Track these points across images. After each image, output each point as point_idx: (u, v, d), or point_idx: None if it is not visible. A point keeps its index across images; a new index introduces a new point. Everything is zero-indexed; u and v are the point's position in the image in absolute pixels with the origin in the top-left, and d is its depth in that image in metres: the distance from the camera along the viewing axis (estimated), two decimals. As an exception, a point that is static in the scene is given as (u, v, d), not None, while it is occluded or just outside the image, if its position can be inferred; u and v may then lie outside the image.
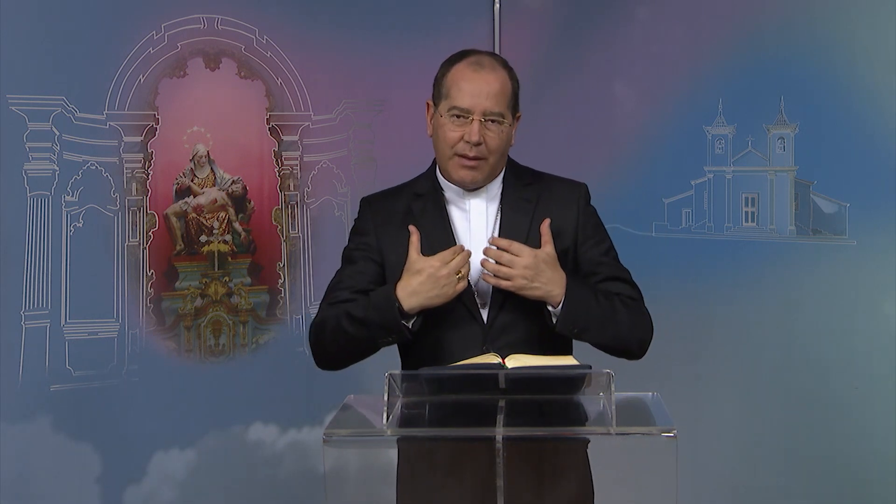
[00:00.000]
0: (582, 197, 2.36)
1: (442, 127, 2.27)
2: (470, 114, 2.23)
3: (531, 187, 2.34)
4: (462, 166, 2.27)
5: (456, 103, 2.24)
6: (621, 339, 2.25)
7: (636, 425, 1.97)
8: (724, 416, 3.59)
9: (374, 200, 2.41)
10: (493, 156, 2.27)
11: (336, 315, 2.25)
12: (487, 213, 2.31)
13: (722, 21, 3.62)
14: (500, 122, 2.25)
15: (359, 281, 2.30)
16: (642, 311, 2.29)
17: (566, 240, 2.30)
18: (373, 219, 2.37)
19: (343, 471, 2.02)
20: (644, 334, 2.29)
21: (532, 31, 3.89)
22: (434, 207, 2.33)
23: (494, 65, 2.28)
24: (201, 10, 3.42)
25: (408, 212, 2.33)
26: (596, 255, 2.32)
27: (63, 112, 3.18)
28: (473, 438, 1.95)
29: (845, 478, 3.39)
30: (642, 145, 3.78)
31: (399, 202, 2.36)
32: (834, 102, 3.38)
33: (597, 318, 2.21)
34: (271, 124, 3.57)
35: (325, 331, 2.27)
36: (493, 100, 2.24)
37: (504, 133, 2.27)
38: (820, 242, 3.45)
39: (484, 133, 2.24)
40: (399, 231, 2.30)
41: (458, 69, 2.27)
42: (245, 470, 3.52)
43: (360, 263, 2.33)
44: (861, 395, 3.36)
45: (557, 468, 2.08)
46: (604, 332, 2.23)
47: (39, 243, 3.16)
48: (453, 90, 2.25)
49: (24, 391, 3.12)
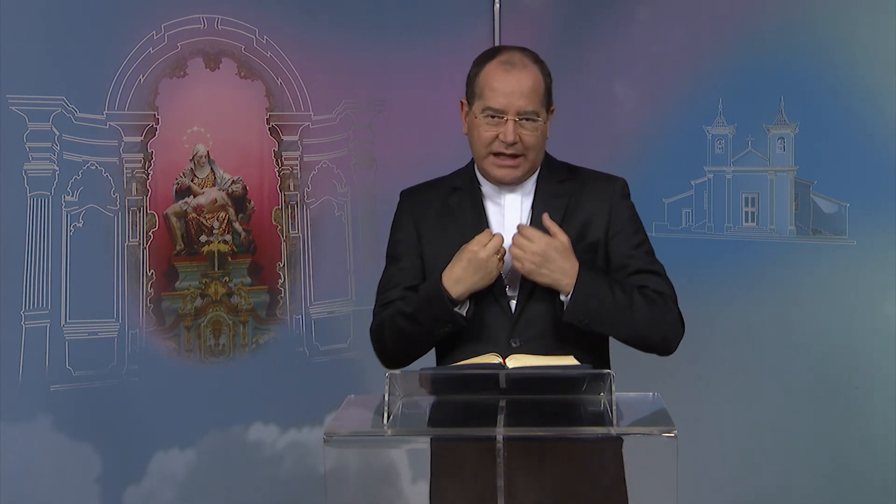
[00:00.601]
0: (617, 191, 2.36)
1: (477, 127, 2.29)
2: (504, 114, 2.25)
3: (565, 183, 2.35)
4: (499, 165, 2.29)
5: (489, 104, 2.26)
6: (639, 334, 2.25)
7: (636, 425, 1.97)
8: (724, 416, 3.59)
9: (412, 193, 2.44)
10: (531, 152, 2.28)
11: (391, 316, 2.30)
12: (522, 208, 2.33)
13: (722, 21, 3.62)
14: (534, 119, 2.26)
15: (405, 277, 2.34)
16: (668, 307, 2.27)
17: (597, 232, 2.31)
18: (411, 211, 2.40)
19: (343, 471, 2.02)
20: (668, 331, 2.27)
21: (532, 31, 3.89)
22: (470, 201, 2.35)
23: (526, 62, 2.28)
24: (201, 10, 3.42)
25: (444, 204, 2.37)
26: (627, 249, 2.32)
27: (63, 112, 3.18)
28: (474, 438, 1.95)
29: (845, 478, 3.38)
30: (642, 145, 3.78)
31: (436, 195, 2.39)
32: (834, 102, 3.38)
33: (609, 311, 2.20)
34: (271, 124, 3.57)
35: (384, 333, 2.32)
36: (527, 98, 2.24)
37: (539, 130, 2.28)
38: (820, 242, 3.44)
39: (519, 132, 2.25)
40: (435, 223, 2.35)
41: (489, 69, 2.28)
42: (245, 470, 3.52)
43: (403, 260, 2.37)
44: (861, 395, 3.35)
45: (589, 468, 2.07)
46: (618, 326, 2.23)
47: (39, 243, 3.15)
48: (486, 90, 2.26)
49: (24, 391, 3.12)
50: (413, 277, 2.34)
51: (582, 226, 2.31)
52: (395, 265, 2.38)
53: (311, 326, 3.64)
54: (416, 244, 2.36)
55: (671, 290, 2.31)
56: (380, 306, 2.36)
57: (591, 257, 2.29)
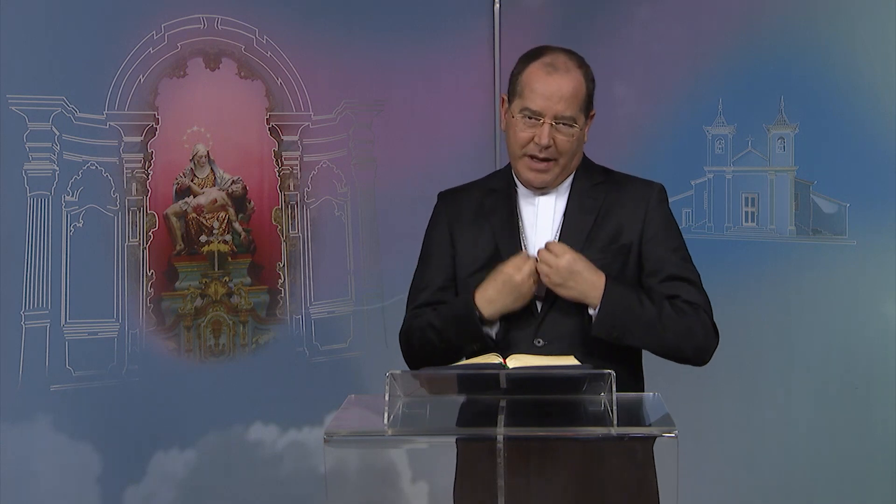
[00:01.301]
0: (654, 196, 2.35)
1: (514, 126, 2.29)
2: (541, 116, 2.24)
3: (600, 186, 2.35)
4: (530, 168, 2.29)
5: (528, 104, 2.25)
6: (670, 346, 2.24)
7: (636, 425, 1.97)
8: (724, 416, 3.59)
9: (448, 195, 2.45)
10: (564, 157, 2.28)
11: (420, 327, 2.30)
12: (555, 210, 2.33)
13: (722, 21, 3.62)
14: (571, 125, 2.25)
15: (436, 278, 2.36)
16: (699, 318, 2.26)
17: (630, 235, 2.30)
18: (446, 211, 2.41)
19: (343, 471, 2.02)
20: (701, 341, 2.26)
21: (532, 31, 3.89)
22: (505, 202, 2.35)
23: (569, 66, 2.27)
24: (201, 10, 3.42)
25: (480, 205, 2.37)
26: (660, 253, 2.31)
27: (63, 112, 3.18)
28: (474, 438, 1.95)
29: (845, 478, 3.38)
30: (642, 145, 3.78)
31: (472, 196, 2.40)
32: (834, 102, 3.38)
33: (638, 323, 2.20)
34: (271, 124, 3.57)
35: (413, 341, 2.33)
36: (565, 103, 2.24)
37: (575, 136, 2.27)
38: (820, 242, 3.44)
39: (554, 135, 2.25)
40: (470, 223, 2.36)
41: (532, 69, 2.27)
42: (245, 470, 3.52)
43: (434, 260, 2.38)
44: (861, 395, 3.35)
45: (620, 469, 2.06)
46: (648, 338, 2.23)
47: (39, 243, 3.15)
48: (526, 90, 2.26)
49: (24, 391, 3.11)
50: (443, 278, 2.35)
51: (615, 228, 2.30)
52: (427, 264, 2.40)
53: (311, 326, 3.64)
54: (448, 244, 2.37)
55: (705, 300, 2.30)
56: (410, 310, 2.37)
57: (623, 259, 2.29)
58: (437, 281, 2.35)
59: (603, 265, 2.25)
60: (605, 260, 2.27)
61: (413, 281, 2.42)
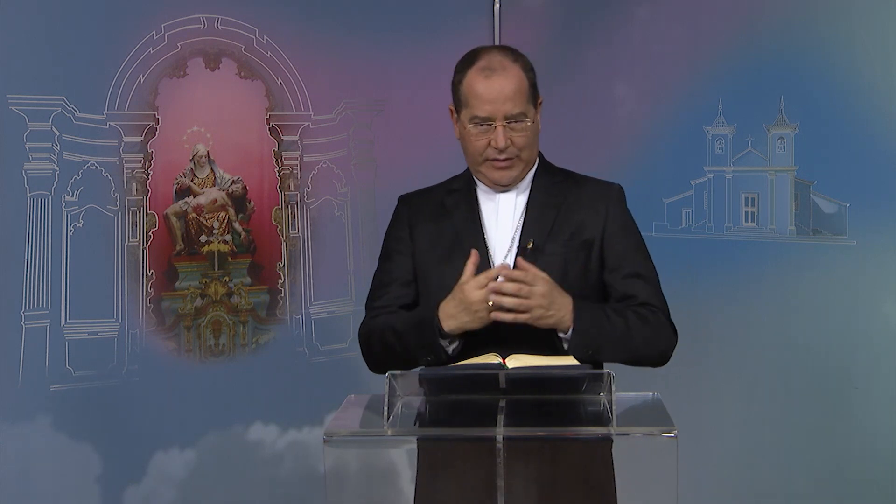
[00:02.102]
0: (613, 195, 2.36)
1: (468, 136, 2.29)
2: (492, 121, 2.25)
3: (560, 185, 2.35)
4: (495, 168, 2.29)
5: (476, 113, 2.26)
6: (638, 355, 2.25)
7: (636, 425, 1.97)
8: (724, 416, 3.59)
9: (409, 197, 2.45)
10: (524, 152, 2.29)
11: (380, 328, 2.30)
12: (516, 205, 2.33)
13: (722, 21, 3.62)
14: (522, 120, 2.26)
15: (397, 277, 2.35)
16: (660, 320, 2.27)
17: (591, 232, 2.30)
18: (407, 213, 2.41)
19: (343, 471, 2.02)
20: (663, 345, 2.27)
21: (532, 31, 3.89)
22: (466, 201, 2.35)
23: (505, 63, 2.27)
24: (201, 10, 3.42)
25: (441, 205, 2.37)
26: (621, 250, 2.31)
27: (63, 112, 3.18)
28: (473, 438, 1.95)
29: (845, 478, 3.38)
30: (642, 145, 3.78)
31: (433, 198, 2.41)
32: (834, 102, 3.38)
33: (609, 339, 2.20)
34: (271, 124, 3.57)
35: (372, 341, 2.32)
36: (512, 102, 2.24)
37: (529, 129, 2.27)
38: (820, 242, 3.44)
39: (509, 135, 2.25)
40: (430, 223, 2.36)
41: (470, 77, 2.27)
42: (245, 470, 3.52)
43: (395, 258, 2.38)
44: (861, 395, 3.35)
45: (565, 468, 2.07)
46: (619, 351, 2.22)
47: (39, 243, 3.15)
48: (471, 99, 2.26)
49: (24, 391, 3.11)
50: (405, 277, 2.35)
51: (577, 224, 2.30)
52: (387, 263, 2.39)
53: (311, 326, 3.64)
54: (408, 243, 2.37)
55: (662, 300, 2.31)
56: (370, 309, 2.36)
57: (586, 255, 2.29)
58: (398, 279, 2.35)
59: (566, 259, 2.26)
60: (567, 254, 2.27)
61: (373, 280, 2.41)
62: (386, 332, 2.28)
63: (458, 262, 2.22)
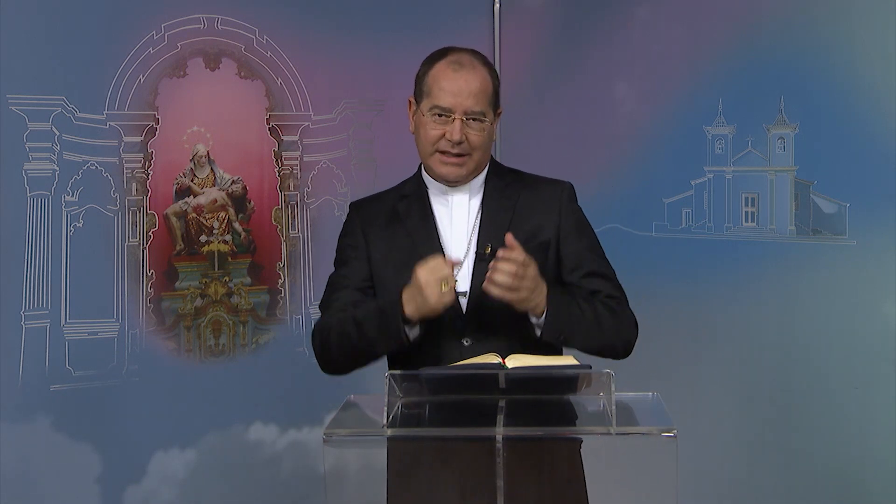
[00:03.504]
0: (565, 194, 2.37)
1: (424, 125, 2.32)
2: (451, 113, 2.27)
3: (513, 185, 2.37)
4: (445, 162, 2.30)
5: (437, 102, 2.28)
6: (606, 343, 2.26)
7: (636, 425, 1.97)
8: (724, 416, 3.59)
9: (361, 205, 2.45)
10: (476, 152, 2.30)
11: (341, 321, 2.27)
12: (469, 208, 2.34)
13: (722, 21, 3.62)
14: (481, 119, 2.28)
15: (354, 280, 2.34)
16: (625, 312, 2.30)
17: (547, 233, 2.32)
18: (359, 221, 2.40)
19: (343, 471, 2.03)
20: (629, 335, 2.29)
21: (532, 31, 3.89)
22: (418, 205, 2.36)
23: (475, 63, 2.30)
24: (201, 10, 3.42)
25: (393, 212, 2.38)
26: (578, 250, 2.33)
27: (63, 112, 3.18)
28: (473, 438, 1.95)
29: (845, 478, 3.38)
30: (642, 145, 3.78)
31: (385, 204, 2.41)
32: (834, 102, 3.37)
33: (580, 325, 2.21)
34: (271, 124, 3.58)
35: (330, 336, 2.29)
36: (474, 99, 2.27)
37: (485, 130, 2.30)
38: (820, 242, 3.44)
39: (466, 131, 2.27)
40: (384, 230, 2.35)
41: (438, 68, 2.31)
42: (245, 470, 3.52)
43: (351, 263, 2.37)
44: (861, 395, 3.35)
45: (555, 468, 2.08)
46: (588, 338, 2.23)
47: (39, 243, 3.16)
48: (434, 89, 2.29)
49: (24, 391, 3.12)
50: (360, 279, 2.34)
51: (533, 226, 2.31)
52: (343, 268, 2.38)
53: (310, 326, 3.60)
54: (363, 248, 2.36)
55: (623, 293, 2.33)
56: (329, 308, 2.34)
57: (543, 256, 2.28)
58: (354, 284, 2.33)
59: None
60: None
61: (328, 284, 2.39)
62: (346, 324, 2.25)
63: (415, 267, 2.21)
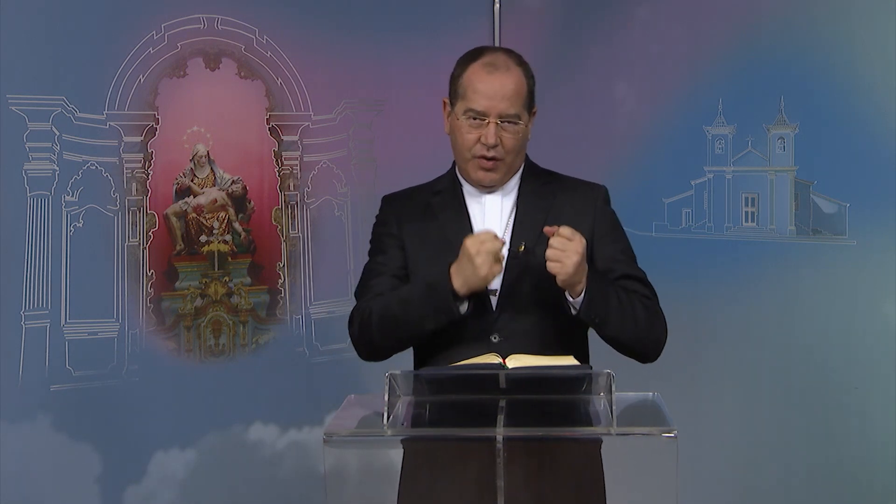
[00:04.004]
0: (600, 198, 2.37)
1: (459, 129, 2.29)
2: (486, 116, 2.25)
3: (548, 186, 2.36)
4: (480, 168, 2.29)
5: (471, 105, 2.26)
6: (638, 337, 2.25)
7: (636, 425, 1.97)
8: (724, 416, 3.59)
9: (394, 198, 2.44)
10: (510, 155, 2.29)
11: (383, 303, 2.26)
12: (502, 208, 2.33)
13: (722, 21, 3.62)
14: (515, 122, 2.27)
15: (390, 267, 2.33)
16: (658, 312, 2.29)
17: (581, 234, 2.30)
18: (393, 213, 2.40)
19: (343, 471, 2.02)
20: (659, 334, 2.29)
21: (532, 31, 3.89)
22: (452, 202, 2.35)
23: (509, 64, 2.29)
24: (201, 10, 3.42)
25: (427, 206, 2.37)
26: (611, 253, 2.32)
27: (63, 112, 3.18)
28: (473, 438, 1.95)
29: (845, 478, 3.38)
30: (642, 145, 3.78)
31: (418, 199, 2.40)
32: (834, 102, 3.38)
33: (617, 311, 2.20)
34: (271, 124, 3.57)
35: (372, 318, 2.27)
36: (509, 101, 2.25)
37: (520, 133, 2.28)
38: (820, 242, 3.44)
39: (500, 134, 2.26)
40: (417, 224, 2.35)
41: (472, 70, 2.28)
42: (245, 470, 3.52)
43: (389, 251, 2.36)
44: (861, 395, 3.35)
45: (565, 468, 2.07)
46: (623, 326, 2.22)
47: (39, 243, 3.15)
48: (469, 92, 2.27)
49: (24, 391, 3.12)
50: (398, 268, 2.33)
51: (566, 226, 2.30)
52: (380, 256, 2.37)
53: (311, 326, 3.64)
54: (399, 238, 2.36)
55: (656, 297, 2.32)
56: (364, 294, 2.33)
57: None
58: (392, 271, 2.33)
59: None
60: None
61: (364, 271, 2.38)
62: (390, 305, 2.25)
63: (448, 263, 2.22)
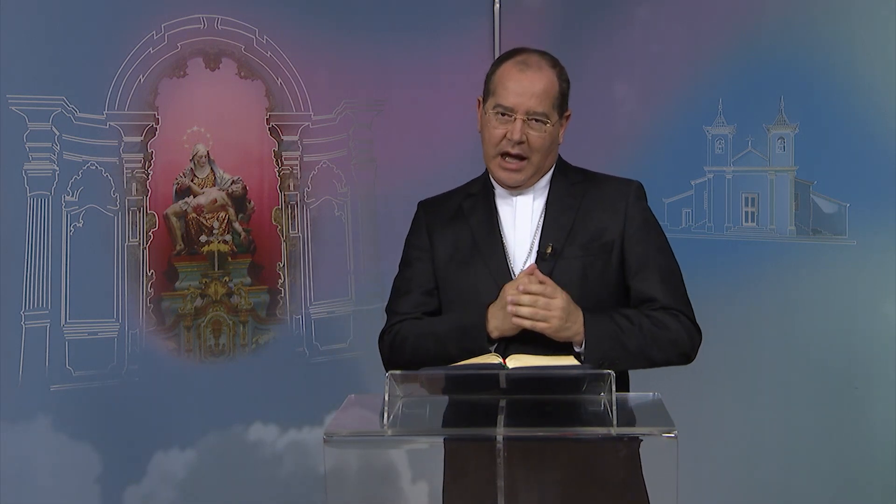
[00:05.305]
0: (632, 193, 2.36)
1: (487, 124, 2.31)
2: (513, 112, 2.26)
3: (578, 186, 2.36)
4: (503, 167, 2.30)
5: (500, 101, 2.28)
6: (658, 361, 2.26)
7: (636, 425, 1.97)
8: (724, 416, 3.59)
9: (428, 203, 2.47)
10: (536, 155, 2.29)
11: (417, 334, 2.29)
12: (533, 209, 2.34)
13: (722, 21, 3.62)
14: (543, 121, 2.27)
15: (418, 282, 2.36)
16: (679, 323, 2.28)
17: (611, 234, 2.31)
18: (426, 218, 2.42)
19: (343, 471, 2.02)
20: (684, 346, 2.28)
21: (532, 31, 3.89)
22: (483, 204, 2.37)
23: (542, 64, 2.30)
24: (201, 10, 3.42)
25: (458, 209, 2.38)
26: (643, 252, 2.31)
27: (63, 112, 3.18)
28: (474, 438, 1.95)
29: (845, 478, 3.38)
30: (642, 145, 3.78)
31: (451, 202, 2.42)
32: (834, 102, 3.38)
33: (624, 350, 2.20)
34: (271, 124, 3.57)
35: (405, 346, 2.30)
36: (537, 99, 2.26)
37: (548, 133, 2.29)
38: (820, 242, 3.44)
39: (526, 132, 2.26)
40: (449, 227, 2.37)
41: (505, 68, 2.31)
42: (245, 470, 3.52)
43: (415, 265, 2.39)
44: (861, 395, 3.35)
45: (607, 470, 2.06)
46: (636, 360, 2.23)
47: (39, 243, 3.15)
48: (499, 88, 2.29)
49: (24, 391, 3.12)
50: (426, 284, 2.36)
51: (596, 226, 2.31)
52: (408, 270, 2.40)
53: (311, 326, 3.64)
54: (428, 251, 2.37)
55: (683, 301, 2.31)
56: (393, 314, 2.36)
57: (605, 258, 2.29)
58: (420, 287, 2.35)
59: (585, 263, 2.27)
60: (586, 258, 2.28)
61: (394, 286, 2.41)
62: (424, 338, 2.28)
63: (478, 266, 2.25)
